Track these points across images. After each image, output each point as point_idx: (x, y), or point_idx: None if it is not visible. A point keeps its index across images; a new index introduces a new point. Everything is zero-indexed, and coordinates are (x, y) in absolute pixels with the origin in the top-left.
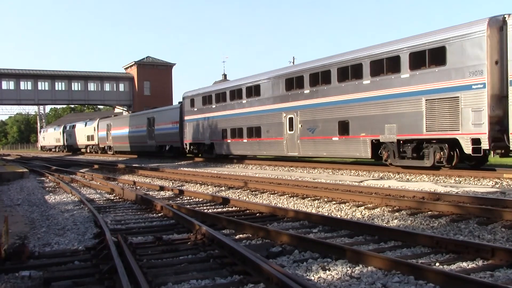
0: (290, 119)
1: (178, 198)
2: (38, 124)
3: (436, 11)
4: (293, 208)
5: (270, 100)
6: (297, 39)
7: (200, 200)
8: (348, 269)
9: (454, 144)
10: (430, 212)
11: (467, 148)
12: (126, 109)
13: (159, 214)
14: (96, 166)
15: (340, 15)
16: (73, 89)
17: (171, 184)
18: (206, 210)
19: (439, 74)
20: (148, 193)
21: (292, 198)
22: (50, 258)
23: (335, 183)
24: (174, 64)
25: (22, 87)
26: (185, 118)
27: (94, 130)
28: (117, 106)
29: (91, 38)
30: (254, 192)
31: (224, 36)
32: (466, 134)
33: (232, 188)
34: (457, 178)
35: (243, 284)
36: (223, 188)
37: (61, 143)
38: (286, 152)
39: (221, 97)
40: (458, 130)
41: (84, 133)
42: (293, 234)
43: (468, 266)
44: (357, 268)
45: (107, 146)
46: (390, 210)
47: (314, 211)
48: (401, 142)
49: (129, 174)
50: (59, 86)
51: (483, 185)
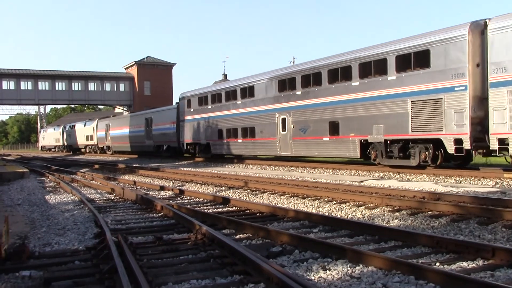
0: (283, 120)
1: (179, 198)
2: (39, 124)
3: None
4: (293, 208)
5: (264, 101)
6: (297, 39)
7: (200, 200)
8: (348, 269)
9: (438, 144)
10: (430, 212)
11: (450, 148)
12: (126, 109)
13: (160, 214)
14: (96, 166)
15: (340, 15)
16: (73, 89)
17: (172, 184)
18: (206, 210)
19: (424, 76)
20: (148, 193)
21: (292, 198)
22: (50, 258)
23: (336, 183)
24: (175, 64)
25: (23, 87)
26: (181, 119)
27: (93, 130)
28: (117, 106)
29: (91, 38)
30: (254, 192)
31: (224, 36)
32: (449, 134)
33: (232, 188)
34: (457, 178)
35: (244, 284)
36: (224, 188)
37: (60, 143)
38: (279, 152)
39: (216, 98)
40: (442, 131)
41: (83, 133)
42: (293, 234)
43: (468, 266)
44: (357, 268)
45: (106, 146)
46: (391, 210)
47: (314, 211)
48: (388, 142)
49: (129, 174)
50: (60, 86)
51: (484, 185)
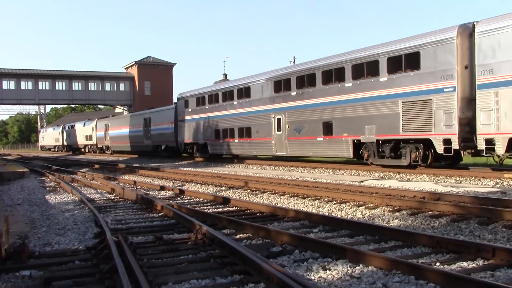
0: (278, 120)
1: (179, 198)
2: (39, 124)
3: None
4: (293, 208)
5: (260, 101)
6: (298, 39)
7: (200, 200)
8: (348, 269)
9: (428, 144)
10: (430, 212)
11: (439, 148)
12: (126, 109)
13: (160, 214)
14: (96, 166)
15: (340, 15)
16: (73, 89)
17: (172, 184)
18: (206, 210)
19: (414, 78)
20: (148, 193)
21: (292, 198)
22: (50, 257)
23: (336, 183)
24: (175, 64)
25: (23, 87)
26: (179, 119)
27: (93, 130)
28: (117, 106)
29: (92, 38)
30: (254, 192)
31: (224, 36)
32: (438, 134)
33: (232, 188)
34: (457, 178)
35: (244, 283)
36: (224, 188)
37: (60, 143)
38: (274, 151)
39: (214, 98)
40: (431, 131)
41: (82, 133)
42: (293, 234)
43: (468, 266)
44: (357, 268)
45: (105, 146)
46: (391, 210)
47: (314, 211)
48: (380, 142)
49: (129, 174)
50: (60, 86)
51: (484, 185)
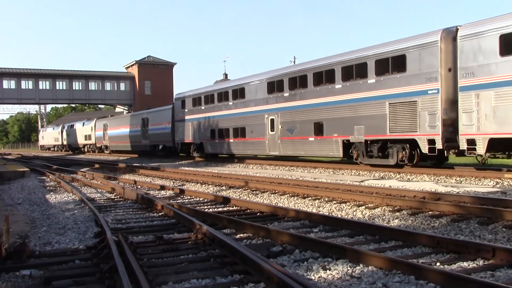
0: (272, 120)
1: (179, 198)
2: (39, 123)
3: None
4: (294, 207)
5: (254, 102)
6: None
7: (200, 199)
8: (348, 268)
9: (414, 144)
10: (431, 212)
11: (424, 147)
12: (127, 108)
13: (160, 214)
14: (97, 166)
15: (341, 15)
16: (74, 88)
17: (172, 183)
18: (206, 210)
19: (400, 80)
20: (148, 192)
21: (293, 197)
22: (50, 257)
23: (336, 183)
24: (175, 63)
25: (23, 86)
26: (176, 119)
27: (91, 130)
28: (118, 106)
29: (92, 38)
30: (255, 191)
31: (224, 35)
32: (423, 135)
33: (233, 187)
34: (458, 178)
35: (244, 283)
36: (224, 187)
37: (59, 143)
38: (268, 151)
39: (209, 99)
40: (416, 131)
41: (82, 132)
42: (293, 234)
43: (469, 266)
44: (357, 267)
45: (104, 145)
46: (391, 210)
47: (315, 211)
48: (368, 142)
49: (129, 173)
50: (60, 85)
51: (484, 185)
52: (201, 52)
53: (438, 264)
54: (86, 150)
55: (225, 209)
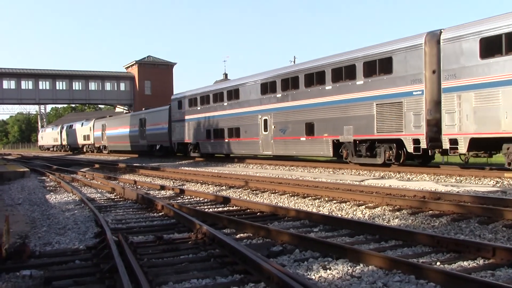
0: (265, 121)
1: (179, 198)
2: (39, 123)
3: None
4: (294, 207)
5: (248, 103)
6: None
7: (201, 199)
8: (349, 268)
9: (400, 143)
10: (431, 211)
11: (409, 147)
12: (127, 108)
13: (160, 214)
14: (97, 166)
15: (341, 15)
16: (74, 88)
17: (172, 183)
18: (207, 210)
19: (387, 82)
20: (149, 192)
21: (293, 197)
22: (51, 257)
23: (336, 183)
24: (175, 63)
25: (23, 87)
26: (173, 119)
27: (90, 130)
28: (118, 106)
29: (92, 38)
30: (255, 191)
31: (224, 35)
32: (408, 135)
33: (233, 187)
34: (458, 178)
35: (244, 283)
36: (224, 187)
37: (58, 143)
38: (261, 151)
39: (205, 100)
40: (402, 131)
41: (80, 133)
42: (293, 234)
43: (469, 265)
44: (358, 267)
45: (102, 145)
46: (391, 209)
47: (315, 210)
48: (357, 142)
49: (130, 173)
50: (60, 85)
51: (484, 184)
52: (201, 52)
53: (438, 263)
54: (85, 150)
55: (225, 209)
